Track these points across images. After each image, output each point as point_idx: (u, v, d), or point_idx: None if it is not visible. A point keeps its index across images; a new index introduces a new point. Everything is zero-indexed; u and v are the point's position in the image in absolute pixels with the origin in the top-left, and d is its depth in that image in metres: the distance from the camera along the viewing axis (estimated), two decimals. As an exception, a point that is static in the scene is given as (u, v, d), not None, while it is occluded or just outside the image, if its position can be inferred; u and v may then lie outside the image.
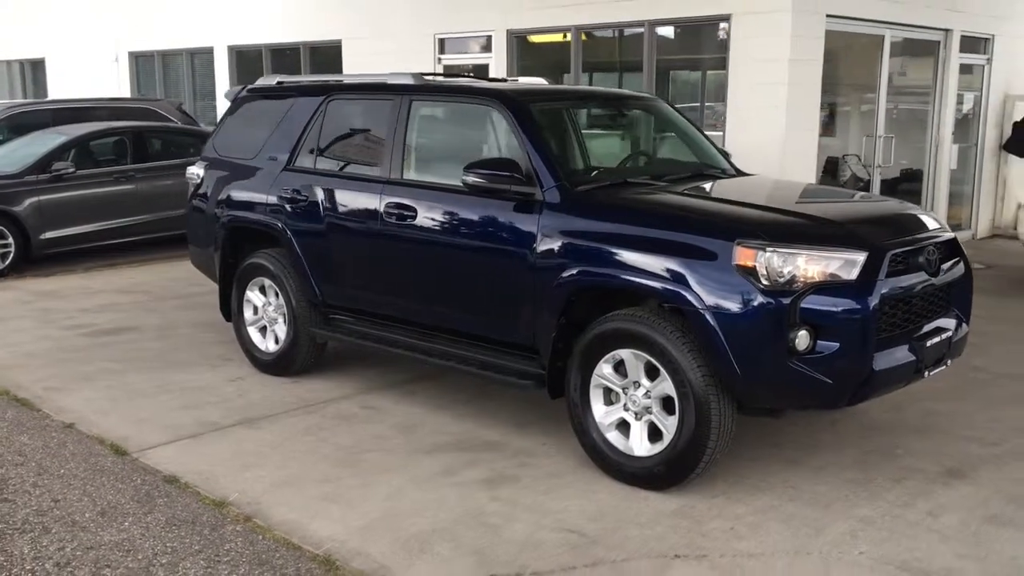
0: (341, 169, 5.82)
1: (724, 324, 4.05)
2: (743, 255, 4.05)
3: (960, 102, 12.37)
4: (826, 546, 3.93)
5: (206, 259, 6.78)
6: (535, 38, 11.75)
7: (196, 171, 6.78)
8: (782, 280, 4.02)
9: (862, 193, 5.81)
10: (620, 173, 5.42)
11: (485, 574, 3.73)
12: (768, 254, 4.03)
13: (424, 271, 5.32)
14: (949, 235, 4.71)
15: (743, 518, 4.18)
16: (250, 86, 6.76)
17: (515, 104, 5.05)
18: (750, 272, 4.04)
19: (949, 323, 4.62)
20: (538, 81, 6.39)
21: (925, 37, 11.42)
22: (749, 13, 9.40)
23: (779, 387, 4.13)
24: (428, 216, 5.22)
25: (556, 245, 4.64)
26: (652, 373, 4.38)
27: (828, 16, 9.59)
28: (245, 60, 15.80)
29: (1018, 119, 13.08)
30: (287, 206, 5.96)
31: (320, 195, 5.80)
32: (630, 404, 4.47)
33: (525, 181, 4.77)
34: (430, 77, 5.74)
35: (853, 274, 4.06)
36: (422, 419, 5.47)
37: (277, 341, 6.26)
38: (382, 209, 5.42)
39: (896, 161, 11.51)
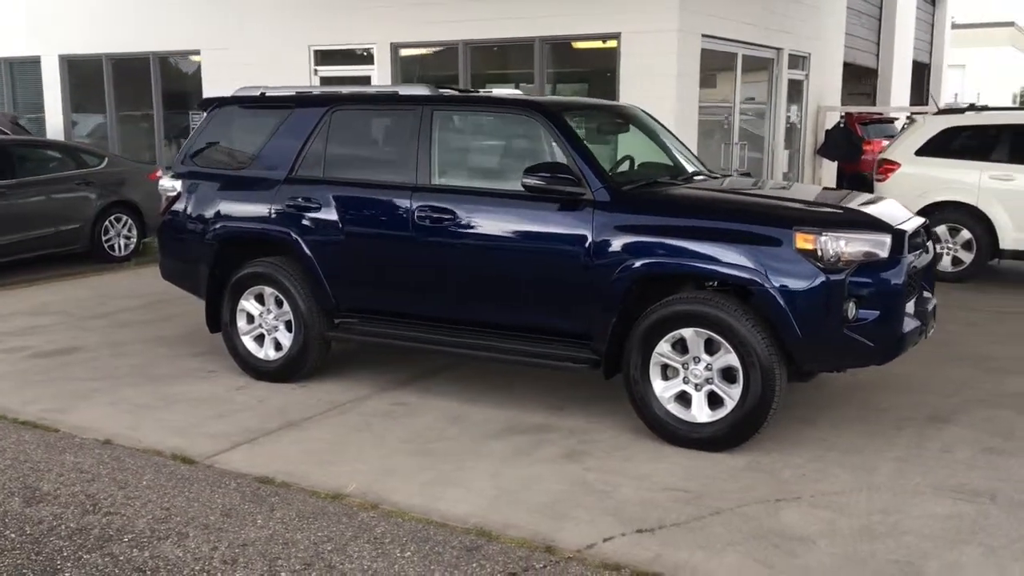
0: (358, 177, 5.99)
1: (791, 300, 4.73)
2: (804, 240, 4.74)
3: (788, 113, 13.93)
4: (887, 481, 4.68)
5: (186, 272, 6.71)
6: (420, 50, 12.09)
7: (171, 184, 6.69)
8: (833, 260, 4.75)
9: (847, 191, 6.69)
10: (642, 173, 5.97)
11: (631, 529, 4.17)
12: (824, 237, 4.74)
13: (464, 270, 5.64)
14: (922, 220, 5.64)
15: (805, 467, 4.86)
16: (225, 97, 6.77)
17: (552, 114, 5.52)
18: (810, 254, 4.74)
19: (927, 295, 5.55)
20: (515, 92, 6.85)
21: (764, 55, 12.81)
22: (638, 32, 10.27)
23: (834, 351, 4.87)
24: (468, 218, 5.56)
25: (613, 240, 5.14)
26: (710, 348, 4.98)
27: (703, 36, 10.64)
28: (80, 71, 15.00)
29: (829, 127, 14.91)
30: (296, 214, 6.07)
31: (336, 202, 5.96)
32: (691, 377, 5.05)
33: (576, 182, 5.25)
34: (444, 89, 6.08)
35: (885, 252, 4.85)
36: (460, 410, 5.77)
37: (278, 348, 6.33)
38: (414, 214, 5.70)
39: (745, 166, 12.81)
